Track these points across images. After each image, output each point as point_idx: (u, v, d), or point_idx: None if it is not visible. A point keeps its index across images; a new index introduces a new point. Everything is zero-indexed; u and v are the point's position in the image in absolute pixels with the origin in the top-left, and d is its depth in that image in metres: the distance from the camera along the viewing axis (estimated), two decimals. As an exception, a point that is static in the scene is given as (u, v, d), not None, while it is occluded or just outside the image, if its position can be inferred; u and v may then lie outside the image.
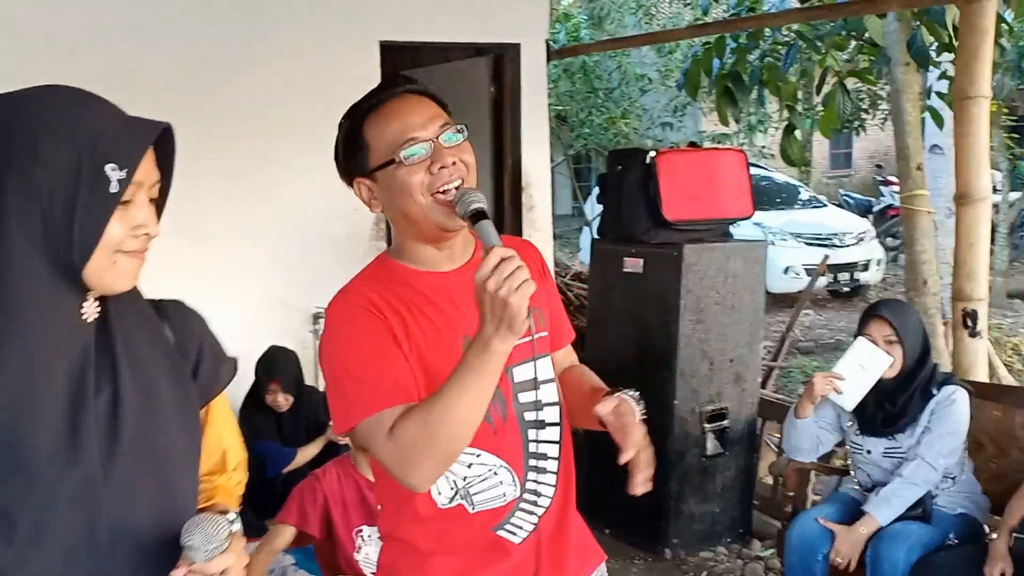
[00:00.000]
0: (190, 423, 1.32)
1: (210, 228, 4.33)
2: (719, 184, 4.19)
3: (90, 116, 1.18)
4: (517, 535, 1.63)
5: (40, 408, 1.14)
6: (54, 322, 1.16)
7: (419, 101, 1.57)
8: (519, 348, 1.52)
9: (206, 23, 4.39)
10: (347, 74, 4.74)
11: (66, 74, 3.86)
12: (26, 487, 1.13)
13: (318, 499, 2.98)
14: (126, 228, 1.18)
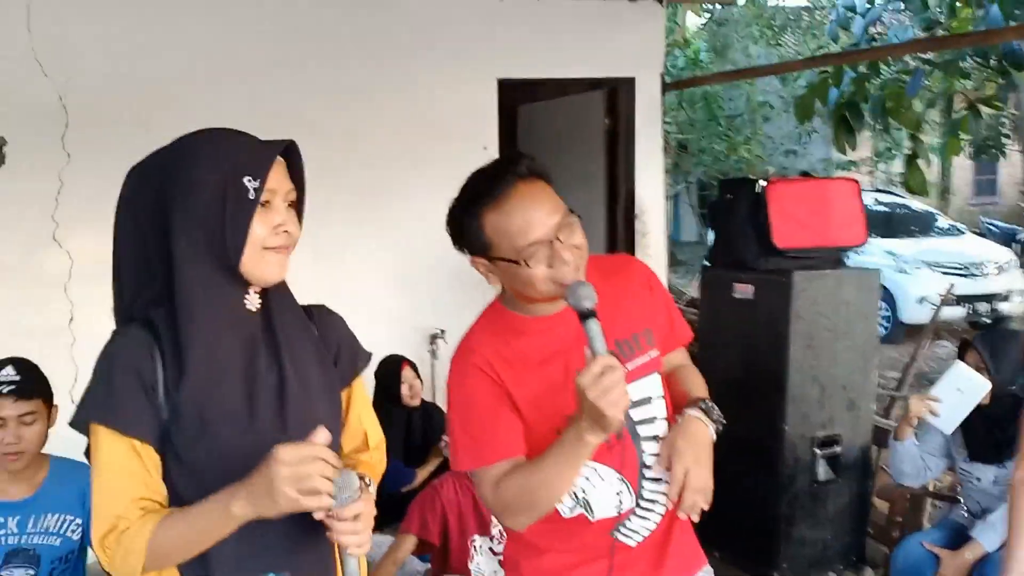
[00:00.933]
0: (334, 400, 1.63)
1: (341, 251, 4.73)
2: (831, 212, 4.26)
3: (228, 145, 1.50)
4: (632, 539, 1.84)
5: (222, 380, 1.47)
6: (225, 311, 1.49)
7: (536, 190, 1.71)
8: (633, 371, 1.78)
9: (337, 64, 4.77)
10: (467, 109, 5.09)
11: (220, 108, 4.35)
12: (211, 444, 1.45)
13: (437, 509, 3.23)
14: (267, 227, 1.49)
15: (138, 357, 1.45)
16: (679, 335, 1.97)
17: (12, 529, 2.53)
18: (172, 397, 1.44)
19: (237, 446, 1.45)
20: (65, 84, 4.14)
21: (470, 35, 5.06)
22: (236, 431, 1.46)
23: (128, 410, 1.43)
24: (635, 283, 1.90)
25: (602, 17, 5.47)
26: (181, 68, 4.43)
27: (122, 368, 1.45)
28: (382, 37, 4.86)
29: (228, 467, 1.43)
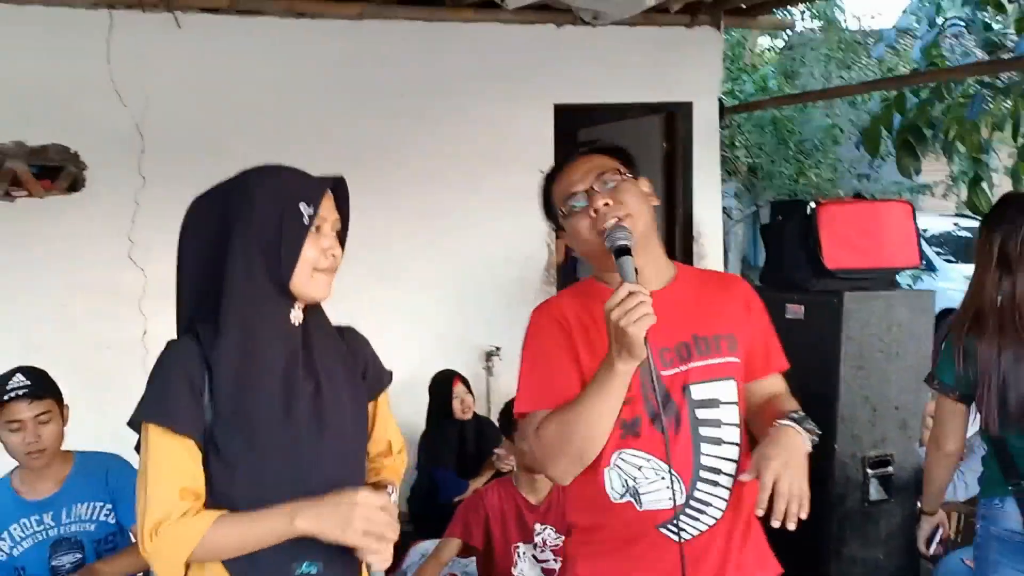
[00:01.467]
0: (361, 410, 1.82)
1: (401, 272, 4.94)
2: (883, 234, 4.29)
3: (286, 176, 1.72)
4: (679, 536, 1.83)
5: (263, 384, 1.65)
6: (272, 323, 1.68)
7: (585, 160, 1.92)
8: (700, 369, 1.86)
9: (398, 92, 4.97)
10: (523, 134, 5.25)
11: (287, 136, 4.59)
12: (246, 442, 1.63)
13: (480, 515, 3.35)
14: (318, 250, 1.68)
15: (188, 364, 1.64)
16: (774, 361, 2.01)
17: (49, 523, 2.74)
18: (216, 400, 1.63)
19: (273, 446, 1.64)
20: (142, 113, 4.42)
21: (527, 62, 5.23)
22: (272, 431, 1.64)
23: (178, 411, 1.62)
24: (733, 296, 1.99)
25: (659, 43, 5.59)
26: (251, 98, 4.68)
27: (174, 374, 1.64)
28: (440, 66, 5.05)
29: (263, 464, 1.63)
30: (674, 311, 1.86)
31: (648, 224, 1.89)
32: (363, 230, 5.27)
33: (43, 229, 4.30)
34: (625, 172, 1.90)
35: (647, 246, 1.89)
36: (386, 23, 4.89)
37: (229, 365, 1.63)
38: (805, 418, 1.84)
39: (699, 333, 1.88)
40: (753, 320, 1.98)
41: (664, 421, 1.82)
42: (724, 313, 1.93)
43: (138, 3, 4.36)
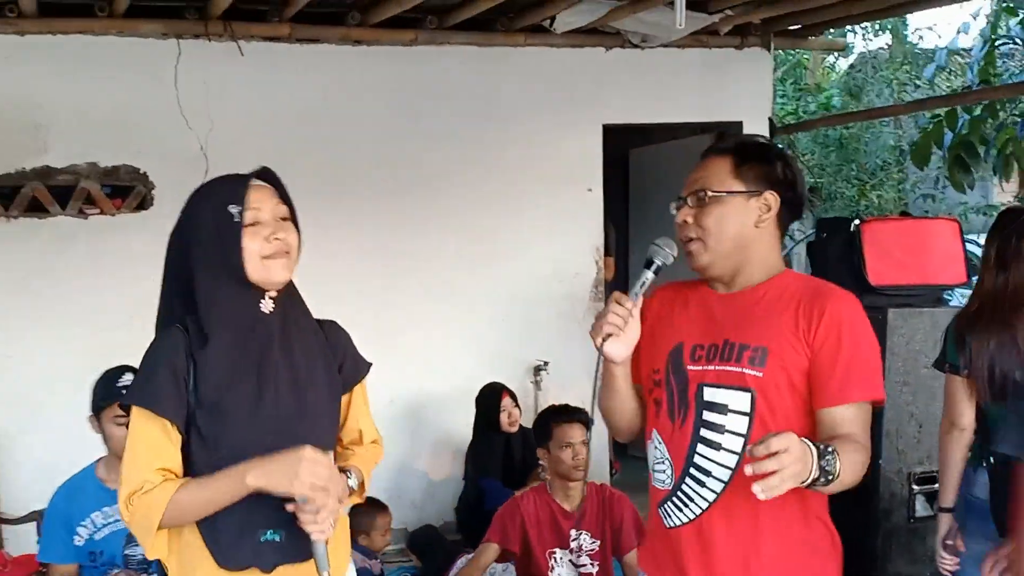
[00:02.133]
0: (335, 398, 1.99)
1: (452, 288, 5.10)
2: (929, 252, 4.32)
3: (214, 185, 1.93)
4: (668, 520, 2.00)
5: (237, 370, 1.84)
6: (243, 315, 1.86)
7: (701, 166, 2.02)
8: (716, 373, 1.92)
9: (450, 113, 5.14)
10: (572, 153, 5.38)
11: (344, 156, 4.80)
12: (226, 425, 1.82)
13: (517, 520, 3.47)
14: (259, 240, 1.84)
15: (172, 354, 1.84)
16: (850, 391, 1.86)
17: None
18: (198, 389, 1.82)
19: (249, 425, 1.83)
20: (206, 135, 4.64)
21: (576, 84, 5.35)
22: (248, 412, 1.83)
23: (161, 396, 1.82)
24: (805, 308, 1.89)
25: (708, 64, 5.67)
26: (311, 120, 4.88)
27: (160, 362, 1.84)
28: (492, 88, 5.21)
29: (240, 443, 1.81)
30: (726, 313, 1.97)
31: (732, 243, 1.94)
32: (416, 248, 5.50)
33: (113, 245, 4.54)
34: (724, 189, 1.92)
35: (738, 261, 1.96)
36: (439, 48, 5.06)
37: (210, 357, 1.83)
38: (830, 455, 1.70)
39: (730, 339, 1.92)
40: (822, 338, 1.86)
41: (675, 411, 1.96)
42: (771, 325, 1.90)
43: (204, 33, 4.59)
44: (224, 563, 1.83)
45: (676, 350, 1.99)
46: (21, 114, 4.44)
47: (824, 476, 1.68)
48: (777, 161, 1.98)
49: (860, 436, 1.85)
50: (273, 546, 1.86)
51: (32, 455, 4.31)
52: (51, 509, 2.95)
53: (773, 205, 1.95)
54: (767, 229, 1.97)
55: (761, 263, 1.98)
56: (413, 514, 5.01)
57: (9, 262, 4.46)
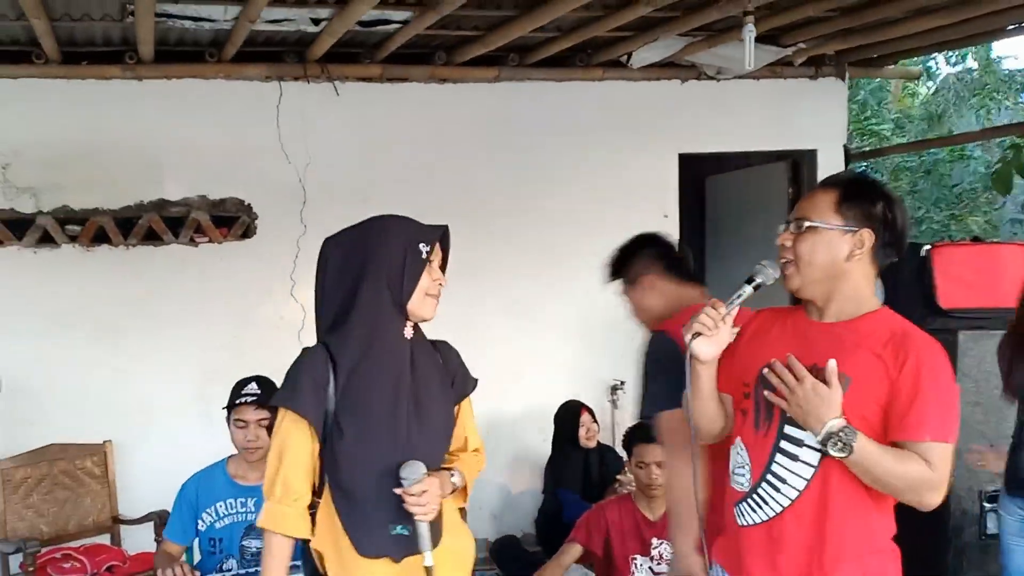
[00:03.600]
0: (449, 410, 2.26)
1: (530, 309, 5.32)
2: (1001, 275, 4.32)
3: (407, 223, 2.21)
4: (741, 519, 2.15)
5: (378, 382, 2.12)
6: (391, 335, 2.15)
7: (810, 196, 2.15)
8: None
9: (531, 144, 5.37)
10: (649, 180, 5.53)
11: (431, 187, 5.03)
12: (364, 430, 2.10)
13: (601, 525, 3.63)
14: (430, 279, 2.16)
15: (316, 365, 2.12)
16: (909, 425, 1.95)
17: (251, 508, 3.15)
18: (339, 391, 2.11)
19: (381, 432, 2.11)
20: (304, 169, 4.95)
21: (652, 115, 5.52)
22: (381, 421, 2.11)
23: (306, 401, 2.11)
24: (892, 348, 1.99)
25: (783, 94, 5.77)
26: (399, 155, 5.17)
27: (303, 372, 2.13)
28: (570, 120, 5.41)
29: (372, 445, 2.10)
30: (819, 341, 2.07)
31: (822, 272, 2.06)
32: (498, 270, 5.70)
33: (220, 270, 4.88)
34: (823, 222, 2.05)
35: (829, 290, 2.07)
36: (520, 84, 5.29)
37: (352, 364, 2.10)
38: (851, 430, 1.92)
39: (819, 364, 2.02)
40: (904, 379, 1.96)
41: (760, 422, 2.11)
42: (858, 358, 2.00)
43: (303, 75, 4.91)
44: (363, 551, 2.12)
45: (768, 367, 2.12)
46: (139, 152, 4.82)
47: (825, 440, 1.93)
48: (880, 201, 2.07)
49: (933, 465, 1.94)
50: (403, 539, 2.13)
51: (146, 462, 4.64)
52: (181, 493, 3.26)
53: (867, 242, 2.05)
54: (860, 264, 2.07)
55: (853, 295, 2.08)
56: (493, 526, 5.20)
57: (127, 285, 4.83)
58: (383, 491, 2.09)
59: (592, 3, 4.00)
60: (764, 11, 4.27)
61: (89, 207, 4.76)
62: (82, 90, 4.71)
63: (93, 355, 4.78)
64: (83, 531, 4.43)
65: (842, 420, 1.93)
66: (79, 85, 4.70)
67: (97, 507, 4.48)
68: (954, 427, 2.00)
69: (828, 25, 4.66)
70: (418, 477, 2.08)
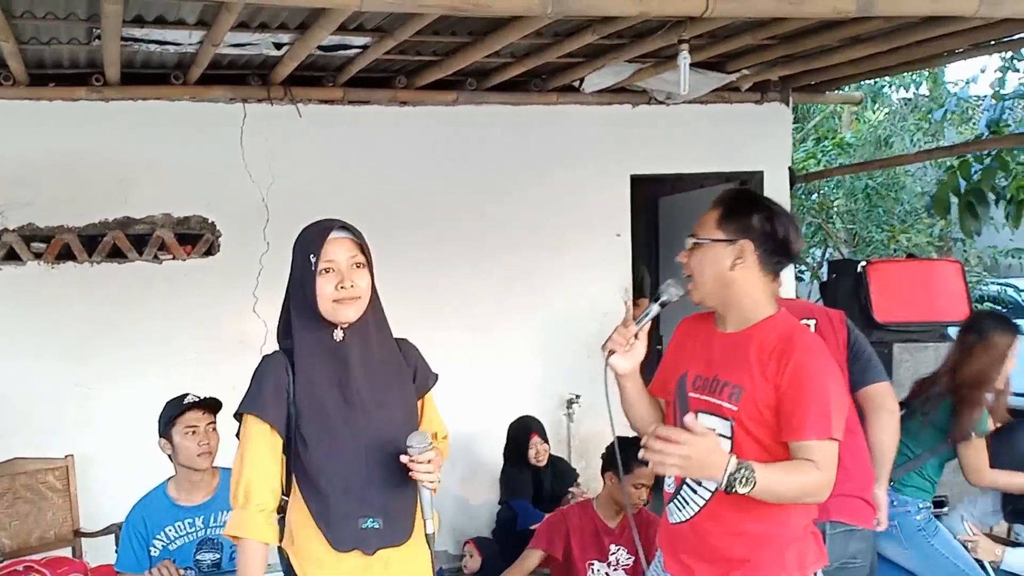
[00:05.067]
0: (410, 403, 2.31)
1: (490, 322, 5.38)
2: (933, 290, 4.51)
3: (304, 232, 2.24)
4: (672, 517, 2.33)
5: (321, 386, 2.16)
6: (321, 343, 2.21)
7: (704, 215, 2.31)
8: (707, 403, 2.23)
9: (494, 168, 5.46)
10: (602, 201, 5.65)
11: (393, 206, 5.07)
12: (325, 434, 2.15)
13: (563, 531, 3.70)
14: (331, 286, 2.15)
15: (276, 371, 2.18)
16: (794, 427, 2.10)
17: (199, 526, 3.19)
18: (298, 397, 2.16)
19: (339, 428, 2.16)
20: (268, 188, 4.99)
21: (605, 138, 5.63)
22: (337, 418, 2.16)
23: (268, 405, 2.16)
24: (775, 356, 2.14)
25: (730, 118, 5.91)
26: (360, 175, 5.22)
27: (266, 378, 2.19)
28: (527, 143, 5.51)
29: (333, 443, 2.15)
30: (721, 351, 2.26)
31: (712, 283, 2.22)
32: (458, 289, 5.76)
33: (184, 286, 4.90)
34: (707, 237, 2.23)
35: (725, 299, 2.24)
36: (478, 108, 5.37)
37: (302, 372, 2.16)
38: (746, 469, 2.01)
39: (720, 376, 2.22)
40: (785, 384, 2.12)
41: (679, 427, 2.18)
42: (747, 367, 2.17)
43: (267, 97, 4.95)
44: (336, 546, 2.16)
45: (683, 378, 2.32)
46: (105, 171, 4.83)
47: (730, 485, 2.01)
48: (757, 214, 2.23)
49: (820, 464, 2.09)
50: (374, 532, 2.17)
51: (108, 476, 4.62)
52: (127, 525, 3.24)
53: (748, 251, 2.21)
54: (747, 273, 2.21)
55: (747, 303, 2.24)
56: (452, 536, 5.23)
57: (91, 302, 4.82)
58: (351, 486, 2.15)
59: (543, 31, 4.11)
60: (706, 39, 4.40)
61: (55, 224, 4.76)
62: (49, 111, 4.71)
63: (57, 370, 4.76)
64: (45, 544, 4.40)
65: (735, 459, 2.03)
66: (46, 106, 4.71)
67: (59, 520, 4.46)
68: (836, 423, 2.12)
69: (769, 52, 4.80)
70: (425, 445, 2.12)
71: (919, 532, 3.38)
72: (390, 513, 2.17)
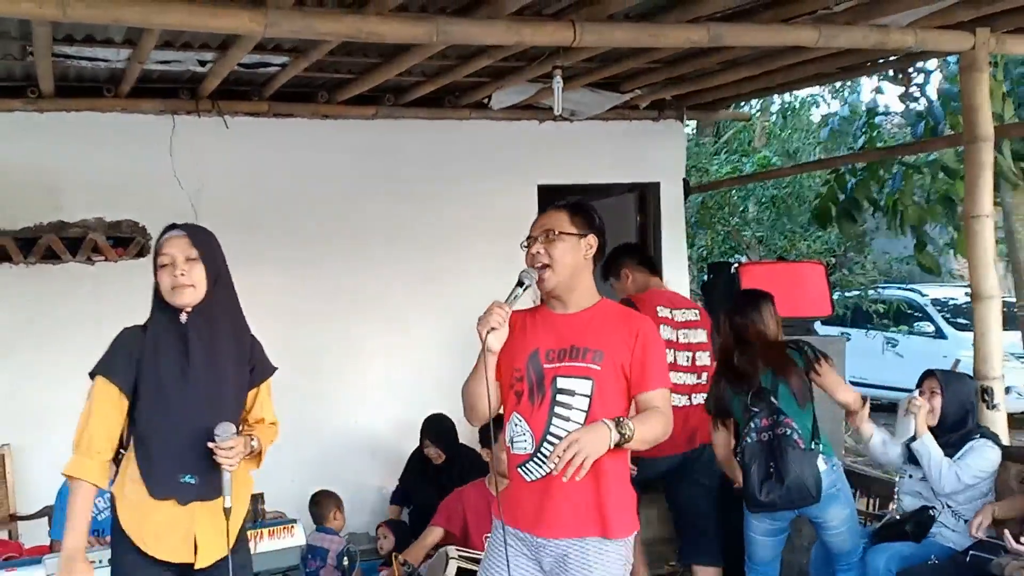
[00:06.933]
0: (242, 388, 2.67)
1: (405, 323, 5.64)
2: (799, 289, 4.91)
3: (161, 233, 2.64)
4: (528, 476, 2.58)
5: (163, 359, 2.48)
6: (169, 323, 2.58)
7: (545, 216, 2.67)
8: (567, 368, 2.53)
9: (408, 176, 5.73)
10: (511, 209, 5.92)
11: (317, 213, 5.29)
12: (160, 400, 2.46)
13: (459, 509, 3.97)
14: (168, 277, 2.56)
15: (130, 341, 2.56)
16: (650, 381, 2.53)
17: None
18: (141, 366, 2.49)
19: (172, 395, 2.50)
20: (196, 195, 5.17)
21: (514, 151, 5.96)
22: (173, 387, 2.50)
23: (118, 370, 2.50)
24: (623, 327, 2.55)
25: (629, 133, 6.29)
26: (284, 183, 5.45)
27: (119, 345, 2.56)
28: (441, 155, 5.80)
29: (165, 407, 2.48)
30: (569, 327, 2.59)
31: (569, 270, 2.56)
32: (376, 289, 6.02)
33: (116, 287, 5.04)
34: (565, 231, 2.57)
35: (571, 285, 2.58)
36: (396, 121, 5.65)
37: (150, 346, 2.51)
38: (624, 423, 2.40)
39: (577, 344, 2.55)
40: (636, 348, 2.53)
41: (534, 396, 2.54)
42: (603, 336, 2.54)
43: (195, 110, 5.16)
44: (153, 494, 2.49)
45: (534, 354, 2.59)
46: (39, 178, 4.99)
47: (623, 437, 2.40)
48: (595, 215, 2.65)
49: (664, 409, 2.54)
50: (189, 486, 2.51)
51: (40, 464, 4.76)
52: (60, 497, 3.46)
53: (594, 245, 2.61)
54: (589, 262, 2.61)
55: (587, 288, 2.63)
56: (373, 521, 5.49)
57: (26, 301, 4.98)
58: (178, 446, 2.48)
59: (447, 52, 4.41)
60: (597, 62, 4.76)
61: (-9, 228, 4.90)
62: (-15, 121, 4.86)
63: (-8, 365, 4.92)
64: (-19, 527, 4.58)
65: (609, 425, 2.39)
66: (-18, 117, 4.86)
67: (-5, 505, 4.64)
68: (668, 376, 2.62)
69: (656, 75, 5.17)
70: (228, 435, 2.48)
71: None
72: (204, 473, 2.51)
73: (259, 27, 3.09)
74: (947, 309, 11.41)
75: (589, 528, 2.54)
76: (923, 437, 3.66)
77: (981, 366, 4.03)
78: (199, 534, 2.54)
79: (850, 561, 3.68)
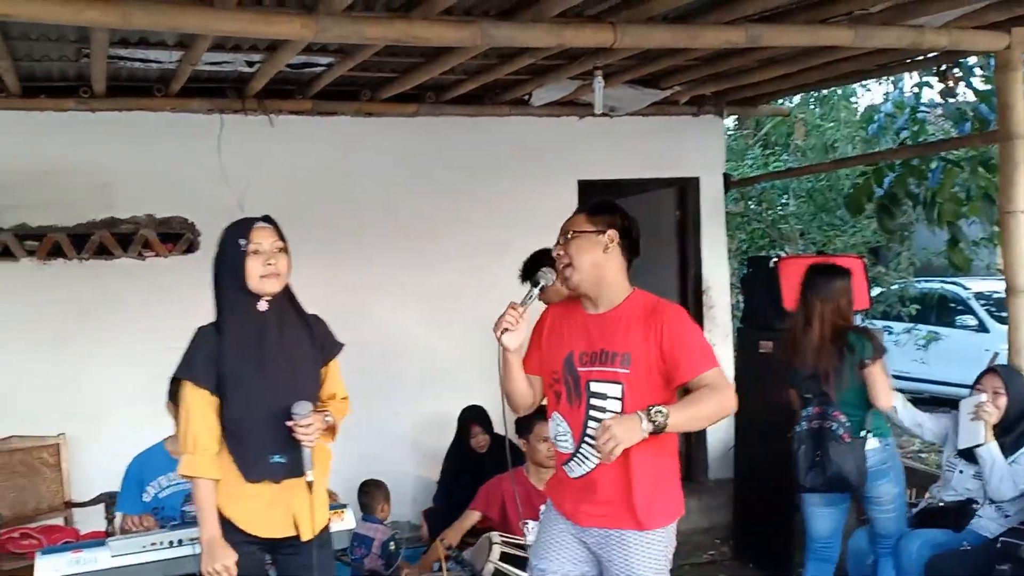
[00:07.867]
0: (316, 368, 2.79)
1: (450, 316, 5.75)
2: (837, 282, 4.85)
3: (233, 224, 2.74)
4: (572, 472, 2.66)
5: (244, 352, 2.55)
6: (246, 312, 2.68)
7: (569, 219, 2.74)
8: (598, 372, 2.58)
9: (448, 174, 5.79)
10: (552, 204, 5.92)
11: (358, 210, 5.39)
12: (245, 391, 2.55)
13: (497, 495, 4.04)
14: (259, 264, 2.64)
15: (206, 342, 2.62)
16: (692, 368, 2.53)
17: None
18: (222, 362, 2.57)
19: (256, 382, 2.58)
20: (243, 191, 5.23)
21: (554, 147, 5.98)
22: (255, 375, 2.57)
23: (200, 372, 2.59)
24: (646, 324, 2.57)
25: (669, 128, 6.28)
26: (330, 178, 5.54)
27: (197, 347, 2.67)
28: (481, 152, 5.85)
29: (249, 396, 2.57)
30: (599, 329, 2.64)
31: (590, 268, 2.62)
32: (418, 283, 6.08)
33: (166, 281, 5.18)
34: (580, 230, 2.63)
35: (596, 281, 2.63)
36: (437, 119, 5.70)
37: (228, 340, 2.58)
38: (655, 410, 2.41)
39: (606, 348, 2.61)
40: (664, 342, 2.55)
41: (572, 398, 2.59)
42: (630, 337, 2.59)
43: (242, 109, 5.25)
44: (248, 478, 2.60)
45: (568, 357, 2.66)
46: (92, 175, 5.12)
47: (655, 425, 2.41)
48: (615, 213, 2.71)
49: (715, 384, 2.52)
50: (280, 465, 2.61)
51: (94, 453, 4.93)
52: (127, 472, 3.58)
53: (613, 239, 2.65)
54: (613, 258, 2.65)
55: (614, 283, 2.66)
56: (414, 510, 5.57)
57: (81, 296, 5.11)
58: (265, 430, 2.57)
59: (488, 52, 4.45)
60: (637, 60, 4.76)
61: (46, 224, 5.03)
62: (40, 120, 4.99)
63: (50, 358, 5.03)
64: (39, 514, 4.72)
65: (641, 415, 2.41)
66: (37, 116, 4.98)
67: (52, 492, 4.77)
68: (712, 352, 2.61)
69: (696, 71, 5.17)
70: (306, 412, 2.57)
71: None
72: (291, 451, 2.61)
73: (310, 32, 3.16)
74: (990, 302, 11.21)
75: (625, 522, 2.61)
76: (990, 444, 3.61)
77: (1015, 359, 4.00)
78: (297, 509, 2.65)
79: (890, 545, 3.69)
